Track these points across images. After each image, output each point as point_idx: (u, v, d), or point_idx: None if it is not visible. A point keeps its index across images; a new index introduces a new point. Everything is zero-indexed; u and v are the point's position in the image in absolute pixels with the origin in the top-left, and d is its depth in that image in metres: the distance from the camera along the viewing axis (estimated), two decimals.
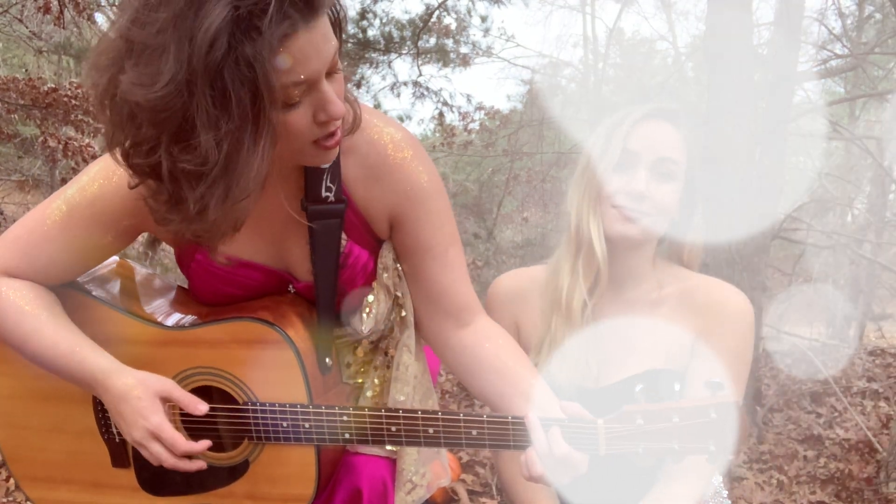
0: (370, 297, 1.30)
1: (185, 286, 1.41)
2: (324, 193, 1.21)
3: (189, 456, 1.21)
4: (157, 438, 1.17)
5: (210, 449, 1.26)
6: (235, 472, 1.28)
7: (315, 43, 0.96)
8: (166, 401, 1.20)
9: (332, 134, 1.07)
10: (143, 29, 0.91)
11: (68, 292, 1.29)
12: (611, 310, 1.48)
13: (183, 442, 1.18)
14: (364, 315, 1.31)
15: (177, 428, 1.27)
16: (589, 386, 1.45)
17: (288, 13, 0.91)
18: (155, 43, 0.90)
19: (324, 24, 0.98)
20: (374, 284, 1.30)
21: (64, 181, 6.48)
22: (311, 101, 1.01)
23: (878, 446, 3.90)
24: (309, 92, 1.00)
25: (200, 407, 1.20)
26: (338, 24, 1.05)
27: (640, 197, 1.38)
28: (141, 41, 0.91)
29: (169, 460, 1.18)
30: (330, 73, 1.02)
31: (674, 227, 1.47)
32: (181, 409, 1.22)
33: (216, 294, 1.31)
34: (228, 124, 0.92)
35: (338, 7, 1.04)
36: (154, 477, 1.31)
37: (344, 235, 1.25)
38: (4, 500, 2.66)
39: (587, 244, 1.42)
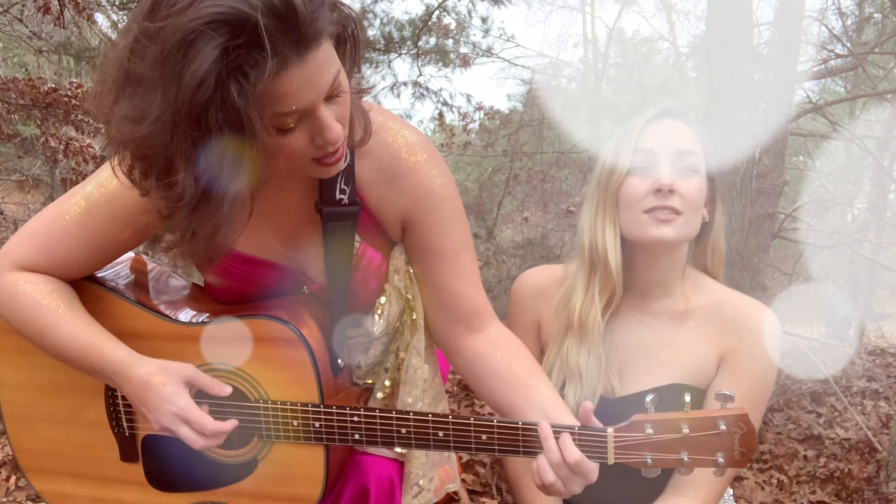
0: (382, 299, 1.31)
1: (200, 283, 1.41)
2: (338, 196, 1.22)
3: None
4: (186, 421, 1.17)
5: (219, 446, 1.27)
6: (243, 469, 1.28)
7: (308, 75, 0.94)
8: (189, 385, 1.20)
9: (334, 152, 1.06)
10: (141, 60, 0.91)
11: (85, 285, 1.30)
12: (635, 319, 1.45)
13: (211, 421, 1.18)
14: (376, 316, 1.31)
15: None
16: (608, 395, 1.42)
17: (278, 51, 0.89)
18: (148, 77, 0.91)
19: (321, 54, 0.95)
20: (387, 286, 1.31)
21: (64, 181, 6.49)
22: (308, 126, 1.01)
23: (878, 446, 3.91)
24: (305, 118, 1.00)
25: (225, 389, 1.21)
26: (349, 42, 1.03)
27: (669, 193, 1.34)
28: (136, 73, 0.92)
29: (198, 442, 1.18)
30: (331, 97, 1.01)
31: (699, 230, 1.42)
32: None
33: (232, 292, 1.31)
34: (207, 164, 0.92)
35: (348, 26, 1.02)
36: (162, 473, 1.31)
37: (358, 237, 1.26)
38: (4, 499, 2.66)
39: (602, 261, 1.39)
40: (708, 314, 1.42)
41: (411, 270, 1.31)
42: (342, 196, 1.22)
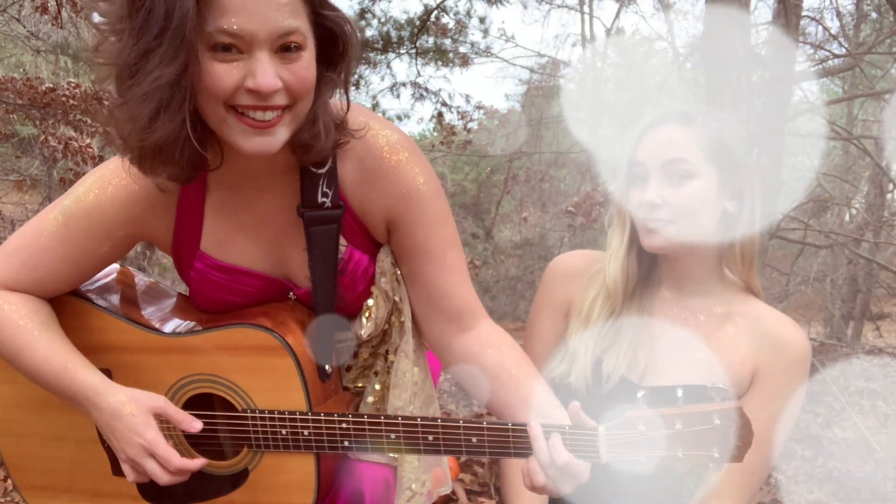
0: (370, 302, 1.30)
1: (186, 293, 1.40)
2: (320, 199, 1.20)
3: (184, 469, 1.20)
4: (152, 454, 1.16)
5: (209, 457, 1.26)
6: (235, 480, 1.28)
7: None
8: (159, 417, 1.19)
9: (262, 110, 1.04)
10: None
11: (69, 299, 1.29)
12: (671, 311, 1.47)
13: (177, 458, 1.17)
14: (364, 319, 1.30)
15: (177, 438, 1.27)
16: (633, 379, 1.43)
17: None
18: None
19: None
20: (374, 289, 1.30)
21: (62, 181, 6.48)
22: (244, 66, 1.01)
23: (875, 446, 3.91)
24: (246, 53, 1.01)
25: (195, 424, 1.20)
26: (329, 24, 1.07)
27: (653, 207, 1.38)
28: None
29: (163, 477, 1.17)
30: (282, 50, 1.02)
31: (727, 225, 1.43)
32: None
33: (216, 302, 1.30)
34: (148, 35, 0.97)
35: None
36: (154, 486, 1.31)
37: (344, 241, 1.25)
38: (2, 500, 2.66)
39: (608, 263, 1.46)
40: (748, 323, 1.43)
41: (398, 272, 1.30)
42: (324, 199, 1.20)
